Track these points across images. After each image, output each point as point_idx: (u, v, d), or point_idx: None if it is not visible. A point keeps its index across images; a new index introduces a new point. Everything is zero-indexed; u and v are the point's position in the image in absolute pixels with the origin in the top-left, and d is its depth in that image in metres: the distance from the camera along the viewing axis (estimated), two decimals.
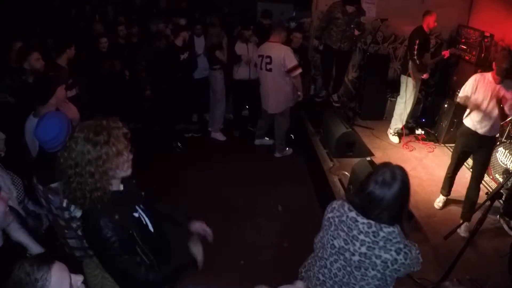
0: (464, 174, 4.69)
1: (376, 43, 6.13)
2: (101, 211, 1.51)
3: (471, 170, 3.97)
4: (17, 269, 1.20)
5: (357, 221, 1.69)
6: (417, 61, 4.80)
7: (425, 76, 4.98)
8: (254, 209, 4.18)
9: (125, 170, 1.58)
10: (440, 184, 4.42)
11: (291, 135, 5.91)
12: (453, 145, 5.28)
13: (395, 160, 5.17)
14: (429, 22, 4.76)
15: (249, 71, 5.33)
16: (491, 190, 4.20)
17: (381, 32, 5.98)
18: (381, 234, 1.63)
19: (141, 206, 1.74)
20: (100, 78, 4.75)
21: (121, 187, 1.64)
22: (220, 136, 5.75)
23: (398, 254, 1.62)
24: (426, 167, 4.81)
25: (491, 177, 4.48)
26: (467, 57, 5.31)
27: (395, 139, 5.41)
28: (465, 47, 5.41)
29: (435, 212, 3.96)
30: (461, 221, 3.58)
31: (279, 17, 7.41)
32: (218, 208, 4.15)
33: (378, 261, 1.64)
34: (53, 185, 1.99)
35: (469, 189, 3.73)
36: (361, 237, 1.67)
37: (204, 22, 5.66)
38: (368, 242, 1.65)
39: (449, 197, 4.12)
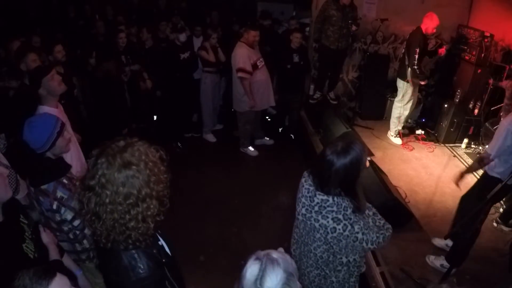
0: None
1: (376, 43, 6.12)
2: (138, 245, 1.28)
3: None
4: (16, 281, 1.19)
5: (303, 185, 1.88)
6: (417, 70, 4.78)
7: (423, 83, 4.97)
8: (254, 209, 4.18)
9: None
10: (440, 184, 4.44)
11: (291, 135, 5.92)
12: (454, 145, 5.35)
13: (395, 160, 5.18)
14: (428, 27, 4.73)
15: None
16: None
17: (381, 32, 5.98)
18: (315, 200, 1.77)
19: (158, 230, 1.55)
20: (98, 80, 4.74)
21: None
22: (210, 138, 5.74)
23: (337, 224, 1.71)
24: (426, 167, 4.81)
25: None
26: (467, 57, 5.31)
27: (397, 141, 5.39)
28: (465, 47, 5.41)
29: (435, 212, 3.96)
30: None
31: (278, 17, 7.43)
32: (218, 208, 4.16)
33: (316, 225, 1.78)
34: (43, 187, 1.98)
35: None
36: (303, 199, 1.85)
37: (204, 22, 5.66)
38: (307, 205, 1.82)
39: (447, 197, 4.14)
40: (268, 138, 5.63)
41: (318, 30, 5.48)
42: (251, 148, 5.38)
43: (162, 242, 1.52)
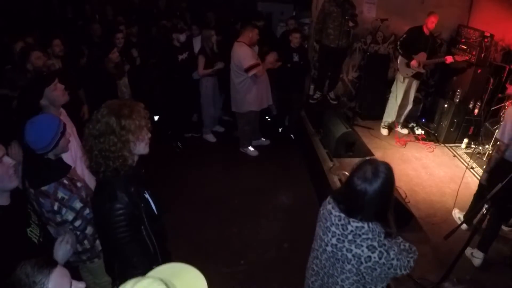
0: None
1: (376, 43, 6.13)
2: (119, 181, 1.62)
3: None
4: (18, 269, 1.22)
5: (331, 213, 1.74)
6: (400, 51, 4.99)
7: (413, 62, 4.97)
8: (254, 209, 4.18)
9: (144, 147, 1.69)
10: (440, 184, 4.44)
11: (291, 135, 5.92)
12: (454, 145, 5.35)
13: (395, 160, 5.18)
14: (427, 23, 4.80)
15: None
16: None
17: (381, 32, 5.98)
18: (349, 228, 1.65)
19: (148, 191, 1.84)
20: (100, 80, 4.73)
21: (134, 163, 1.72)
22: (210, 138, 5.75)
23: (372, 252, 1.61)
24: (426, 167, 4.81)
25: None
26: (467, 57, 5.31)
27: (384, 132, 5.56)
28: (465, 47, 5.42)
29: (435, 212, 3.96)
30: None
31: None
32: (218, 208, 4.16)
33: (349, 255, 1.66)
34: (44, 188, 1.98)
35: None
36: (333, 228, 1.71)
37: (202, 22, 5.66)
38: (338, 234, 1.69)
39: (447, 197, 4.14)
40: (264, 139, 5.63)
41: (319, 31, 5.49)
42: (251, 148, 5.39)
43: (148, 197, 1.81)
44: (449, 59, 4.97)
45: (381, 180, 1.59)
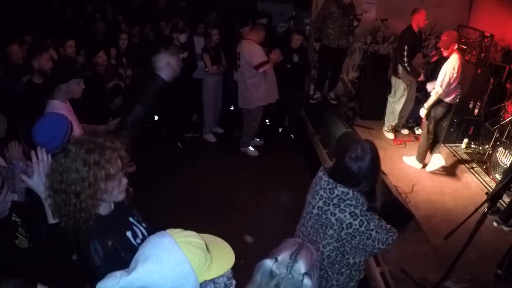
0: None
1: (376, 43, 6.13)
2: (93, 233, 1.41)
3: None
4: None
5: (321, 179, 1.90)
6: (408, 68, 4.83)
7: (421, 78, 4.98)
8: (254, 209, 4.18)
9: (116, 196, 1.46)
10: (440, 184, 4.44)
11: (291, 135, 5.91)
12: (454, 145, 5.36)
13: (395, 160, 5.18)
14: (419, 21, 4.76)
15: None
16: (491, 190, 4.20)
17: (381, 32, 5.98)
18: (336, 192, 1.80)
19: (135, 217, 1.65)
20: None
21: (113, 206, 1.54)
22: (210, 138, 5.74)
23: (353, 219, 1.76)
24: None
25: (491, 177, 4.48)
26: (467, 57, 5.30)
27: (390, 135, 5.53)
28: (465, 47, 5.42)
29: (435, 212, 3.96)
30: None
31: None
32: (218, 208, 4.15)
33: (333, 219, 1.80)
34: None
35: None
36: (321, 192, 1.87)
37: (205, 21, 5.66)
38: (325, 198, 1.84)
39: (447, 197, 4.15)
40: (258, 139, 5.63)
41: (318, 29, 5.49)
42: (251, 148, 5.38)
43: (136, 228, 1.59)
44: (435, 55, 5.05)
45: (370, 155, 1.77)
